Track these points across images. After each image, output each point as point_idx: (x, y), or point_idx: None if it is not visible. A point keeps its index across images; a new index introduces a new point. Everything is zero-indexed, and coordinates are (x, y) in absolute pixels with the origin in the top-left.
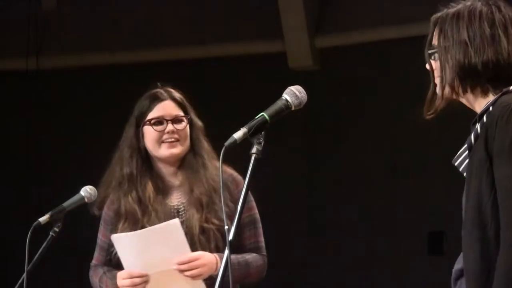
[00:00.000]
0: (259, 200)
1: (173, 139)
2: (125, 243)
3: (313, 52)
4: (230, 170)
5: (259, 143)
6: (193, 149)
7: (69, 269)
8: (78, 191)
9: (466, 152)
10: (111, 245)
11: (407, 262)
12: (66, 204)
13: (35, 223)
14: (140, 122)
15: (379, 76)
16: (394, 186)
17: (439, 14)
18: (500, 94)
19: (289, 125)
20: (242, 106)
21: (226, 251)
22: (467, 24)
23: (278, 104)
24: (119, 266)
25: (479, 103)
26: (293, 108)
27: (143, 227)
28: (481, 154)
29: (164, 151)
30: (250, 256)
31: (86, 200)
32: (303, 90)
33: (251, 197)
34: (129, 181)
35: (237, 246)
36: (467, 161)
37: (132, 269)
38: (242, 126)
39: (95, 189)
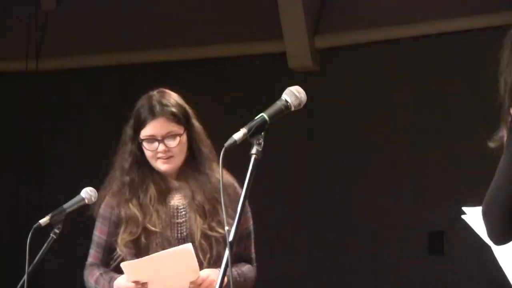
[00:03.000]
0: (260, 201)
1: (166, 156)
2: (135, 268)
3: (313, 52)
4: (231, 179)
5: (259, 144)
6: (193, 158)
7: (70, 270)
8: (78, 191)
9: None
10: (109, 243)
11: (408, 262)
12: (66, 205)
13: (35, 225)
14: (137, 131)
15: (378, 76)
16: (395, 186)
17: None
18: None
19: (288, 126)
20: (242, 107)
21: (227, 252)
22: None
23: (278, 104)
24: (119, 270)
25: None
26: (292, 109)
27: (144, 227)
28: None
29: (159, 166)
30: (245, 268)
31: (86, 201)
32: (302, 90)
33: (248, 208)
34: (130, 188)
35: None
36: None
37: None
38: (242, 126)
39: (95, 191)
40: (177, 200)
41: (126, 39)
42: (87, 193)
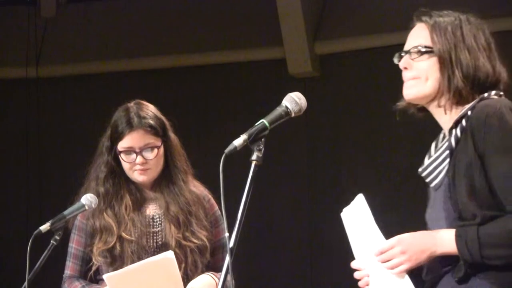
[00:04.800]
0: (260, 205)
1: (144, 168)
2: (118, 280)
3: (313, 58)
4: (206, 191)
5: (259, 150)
6: (168, 169)
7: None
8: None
9: (438, 161)
10: (86, 254)
11: None
12: (66, 212)
13: (35, 231)
14: (114, 142)
15: (378, 82)
16: (394, 191)
17: (434, 19)
18: (478, 100)
19: (288, 132)
20: (242, 113)
21: (227, 258)
22: (473, 33)
23: (278, 110)
24: (98, 281)
25: (456, 109)
26: (293, 115)
27: (119, 236)
28: (470, 156)
29: (136, 177)
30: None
31: (86, 208)
32: (302, 96)
33: (222, 220)
34: (105, 199)
35: (209, 267)
36: (442, 168)
37: None
38: (242, 132)
39: (96, 197)
40: (152, 210)
41: (125, 45)
42: (88, 199)
